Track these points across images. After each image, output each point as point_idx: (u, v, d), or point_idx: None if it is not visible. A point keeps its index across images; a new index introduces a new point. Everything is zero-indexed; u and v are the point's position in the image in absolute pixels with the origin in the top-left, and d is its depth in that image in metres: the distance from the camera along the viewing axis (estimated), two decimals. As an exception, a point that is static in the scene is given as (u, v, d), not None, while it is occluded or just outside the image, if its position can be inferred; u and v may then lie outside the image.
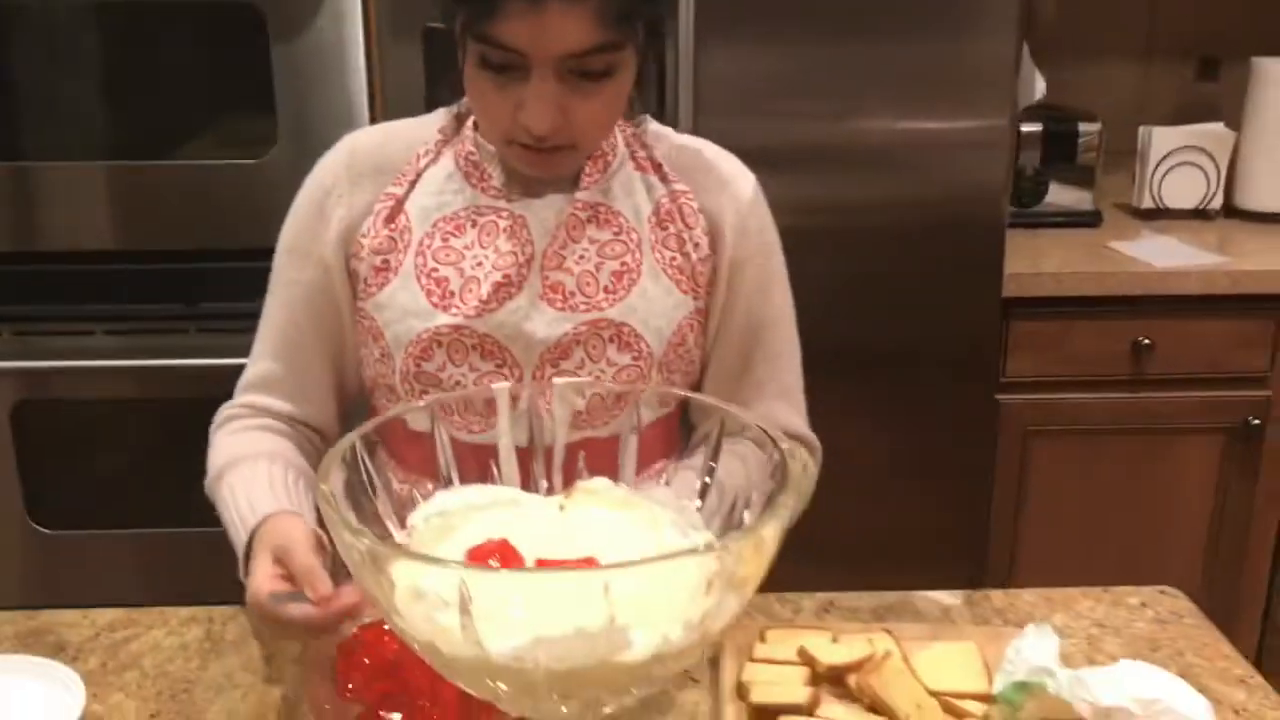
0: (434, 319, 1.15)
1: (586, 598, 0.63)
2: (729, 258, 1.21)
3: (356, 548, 0.67)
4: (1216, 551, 2.38)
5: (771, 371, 1.26)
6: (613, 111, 1.12)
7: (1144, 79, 2.78)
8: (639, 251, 1.18)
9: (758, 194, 1.24)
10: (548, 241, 1.16)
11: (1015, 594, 1.17)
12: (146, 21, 2.05)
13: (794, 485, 0.72)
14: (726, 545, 0.65)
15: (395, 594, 0.68)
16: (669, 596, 0.66)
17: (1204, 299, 2.22)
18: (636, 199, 1.19)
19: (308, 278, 1.20)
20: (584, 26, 1.01)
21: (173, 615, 1.15)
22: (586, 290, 1.16)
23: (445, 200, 1.18)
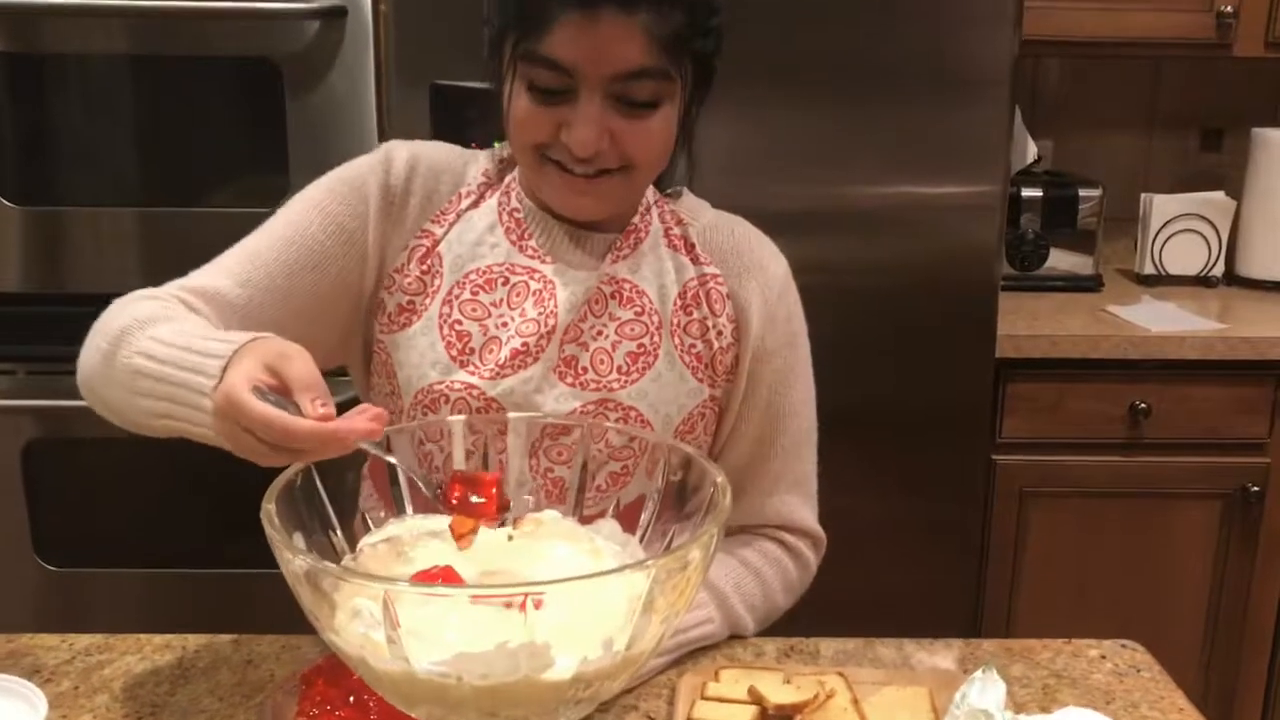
0: (449, 374, 1.13)
1: (509, 616, 0.66)
2: (753, 348, 1.18)
3: (293, 564, 0.70)
4: (1217, 618, 2.37)
5: (787, 464, 1.23)
6: (659, 145, 1.10)
7: (1147, 147, 2.82)
8: (658, 335, 1.16)
9: (788, 281, 1.22)
10: (572, 317, 1.14)
11: (976, 643, 1.18)
12: (172, 74, 2.13)
13: (717, 516, 0.75)
14: (646, 564, 0.68)
15: (335, 614, 0.71)
16: (592, 618, 0.69)
17: (1202, 364, 2.23)
18: (664, 280, 1.18)
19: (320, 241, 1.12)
20: (635, 45, 1.02)
21: (147, 642, 1.18)
22: (600, 369, 1.14)
23: (481, 252, 1.16)
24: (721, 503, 0.77)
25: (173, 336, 0.96)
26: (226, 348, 0.91)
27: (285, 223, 1.14)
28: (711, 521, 0.74)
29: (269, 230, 1.14)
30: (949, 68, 2.00)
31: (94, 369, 1.04)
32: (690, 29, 1.05)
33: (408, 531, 0.87)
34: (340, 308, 1.16)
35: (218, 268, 1.12)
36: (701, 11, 1.07)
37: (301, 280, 1.12)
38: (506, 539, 0.88)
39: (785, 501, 1.24)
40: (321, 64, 2.08)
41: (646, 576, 0.68)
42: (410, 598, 0.67)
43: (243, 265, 1.11)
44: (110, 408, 1.06)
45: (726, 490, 0.79)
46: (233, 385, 0.85)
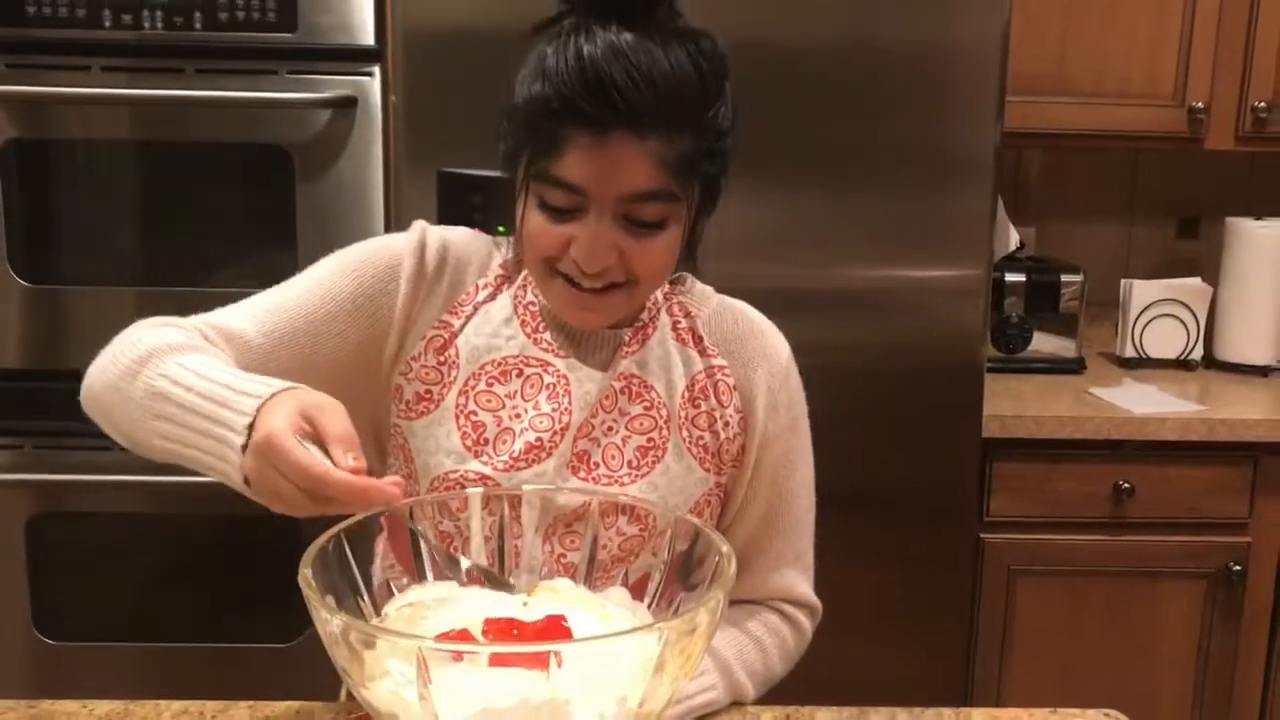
0: (465, 463, 1.15)
1: (531, 674, 0.71)
2: (758, 436, 1.22)
3: (330, 623, 0.75)
4: (1203, 695, 2.40)
5: (789, 541, 1.28)
6: (665, 263, 1.12)
7: (1126, 234, 2.91)
8: (667, 429, 1.19)
9: (791, 366, 1.26)
10: (585, 415, 1.17)
11: (966, 713, 1.23)
12: (183, 160, 2.20)
13: (724, 583, 0.80)
14: (658, 627, 0.73)
15: (365, 670, 0.76)
16: (607, 676, 0.74)
17: (1183, 445, 2.30)
18: (672, 374, 1.20)
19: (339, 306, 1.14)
20: (646, 167, 1.04)
21: (165, 708, 1.22)
22: (611, 464, 1.17)
23: (497, 345, 1.18)
24: (727, 571, 0.82)
25: (205, 369, 0.98)
26: (264, 389, 0.94)
27: (317, 281, 1.17)
28: (718, 588, 0.79)
29: (299, 286, 1.17)
30: (934, 156, 2.09)
31: (109, 382, 1.05)
32: (698, 153, 1.08)
33: (427, 597, 0.92)
34: (355, 377, 1.18)
35: (243, 311, 1.14)
36: (710, 136, 1.09)
37: (324, 343, 1.15)
38: (521, 605, 0.93)
39: (786, 576, 1.28)
40: (332, 151, 2.16)
41: (658, 638, 0.73)
42: (440, 658, 0.72)
43: (269, 315, 1.14)
44: (113, 421, 1.06)
45: (732, 559, 0.84)
46: (278, 429, 0.88)
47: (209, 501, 2.12)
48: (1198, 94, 2.47)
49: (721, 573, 0.82)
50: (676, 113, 1.05)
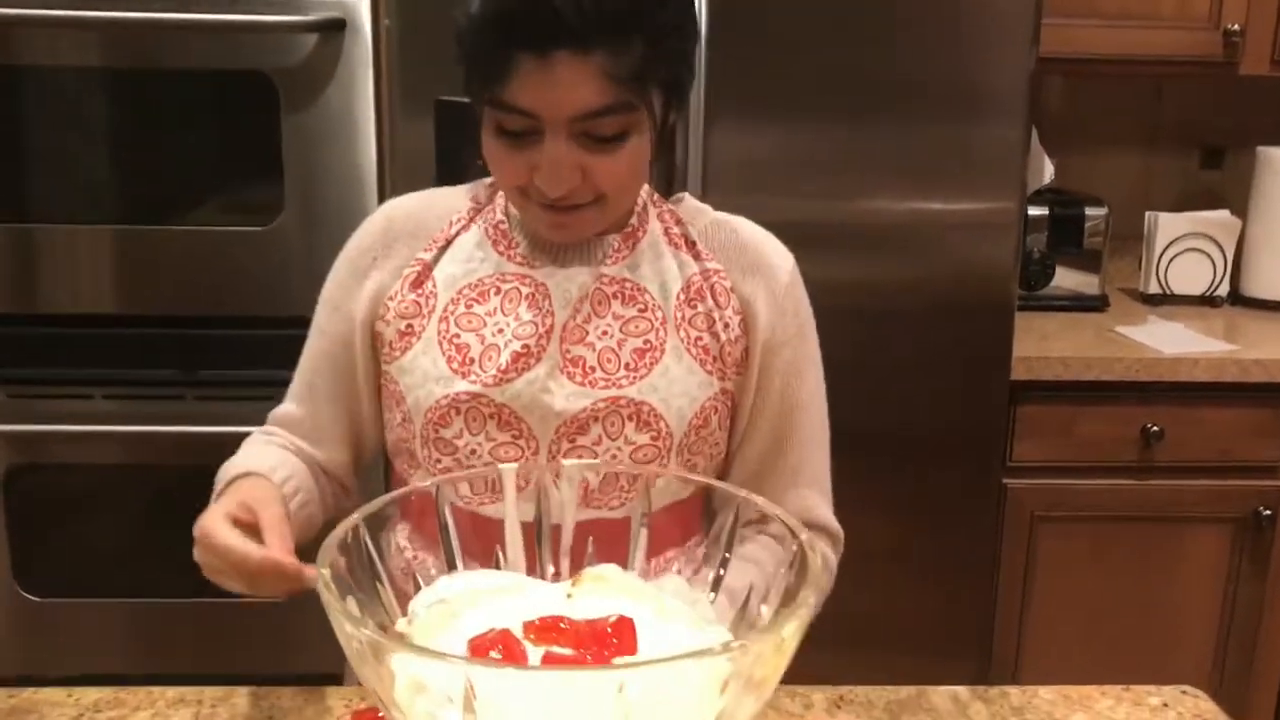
0: (453, 385, 1.14)
1: (598, 698, 0.60)
2: (762, 341, 1.18)
3: (356, 638, 0.64)
4: (1227, 643, 2.34)
5: (803, 457, 1.22)
6: (633, 173, 1.10)
7: (1148, 166, 2.79)
8: (663, 329, 1.16)
9: (795, 275, 1.21)
10: (569, 314, 1.14)
11: (1032, 691, 1.13)
12: (158, 88, 2.05)
13: (813, 581, 0.69)
14: (745, 646, 0.62)
15: (395, 686, 0.65)
16: (684, 698, 0.63)
17: (1214, 386, 2.21)
18: (666, 276, 1.17)
19: (334, 330, 1.21)
20: (592, 84, 1.01)
21: (160, 695, 1.11)
22: (607, 367, 1.14)
23: (472, 268, 1.17)
24: (812, 563, 0.72)
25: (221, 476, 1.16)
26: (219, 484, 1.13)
27: (315, 330, 1.25)
28: (808, 587, 0.68)
29: (307, 342, 1.26)
30: (966, 85, 1.97)
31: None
32: (652, 59, 1.03)
33: (458, 590, 0.81)
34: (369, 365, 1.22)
35: (289, 393, 1.27)
36: (664, 38, 1.04)
37: (334, 374, 1.23)
38: (566, 596, 0.82)
39: (803, 496, 1.22)
40: (319, 78, 2.01)
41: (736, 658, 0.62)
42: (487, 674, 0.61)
43: (297, 384, 1.26)
44: None
45: (815, 548, 0.74)
46: (208, 515, 1.02)
47: (193, 451, 2.03)
48: (1233, 16, 2.34)
49: (806, 567, 0.71)
50: (619, 24, 1.01)
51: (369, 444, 1.27)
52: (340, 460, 1.25)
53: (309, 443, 1.24)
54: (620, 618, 0.75)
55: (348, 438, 1.25)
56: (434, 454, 1.16)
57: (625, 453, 1.13)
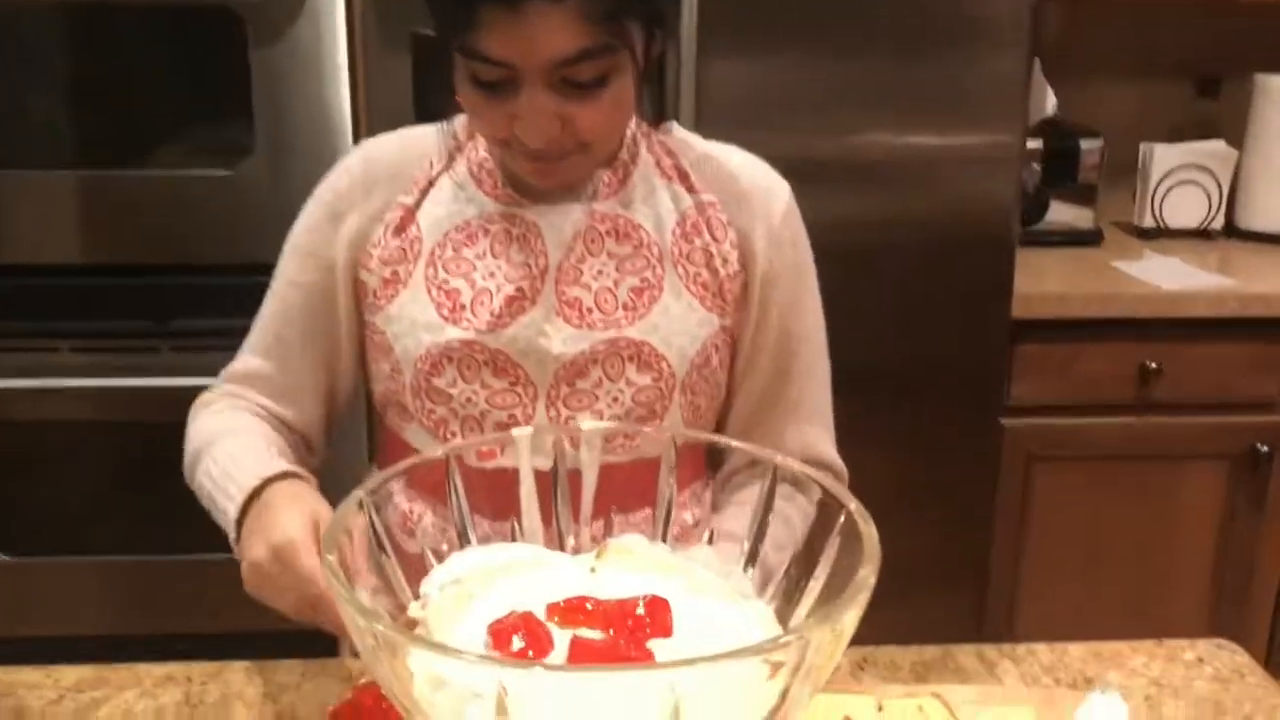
0: (444, 333, 1.09)
1: (643, 694, 0.54)
2: (760, 274, 1.13)
3: (370, 633, 0.57)
4: (1222, 580, 2.32)
5: (804, 392, 1.19)
6: (618, 116, 1.05)
7: (1143, 96, 2.72)
8: (660, 266, 1.11)
9: (791, 205, 1.16)
10: (563, 254, 1.09)
11: (1062, 649, 1.09)
12: (117, 24, 1.96)
13: (871, 557, 0.63)
14: (805, 636, 0.56)
15: (414, 683, 0.59)
16: (736, 691, 0.57)
17: (1212, 322, 2.16)
18: (660, 210, 1.12)
19: (310, 280, 1.14)
20: (568, 30, 0.95)
21: (146, 674, 1.05)
22: (605, 307, 1.09)
23: (457, 209, 1.12)
24: (867, 535, 0.66)
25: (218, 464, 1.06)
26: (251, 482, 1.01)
27: (281, 279, 1.16)
28: (866, 565, 0.62)
29: (270, 292, 1.17)
30: (966, 15, 1.89)
31: (188, 483, 1.13)
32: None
33: (472, 566, 0.74)
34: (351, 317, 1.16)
35: (245, 346, 1.19)
36: None
37: (309, 325, 1.15)
38: (589, 571, 0.76)
39: (804, 432, 1.19)
40: (288, 10, 1.91)
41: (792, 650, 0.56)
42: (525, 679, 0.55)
43: (261, 337, 1.17)
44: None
45: (866, 518, 0.68)
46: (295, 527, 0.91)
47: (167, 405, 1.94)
48: (1231, -62, 2.27)
49: (860, 538, 0.65)
50: None
51: (342, 400, 1.21)
52: (311, 418, 1.19)
53: (277, 401, 1.17)
54: (653, 597, 0.69)
55: (321, 394, 1.18)
56: (426, 404, 1.11)
57: (627, 395, 1.09)
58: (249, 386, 1.17)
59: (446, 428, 1.11)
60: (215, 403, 1.17)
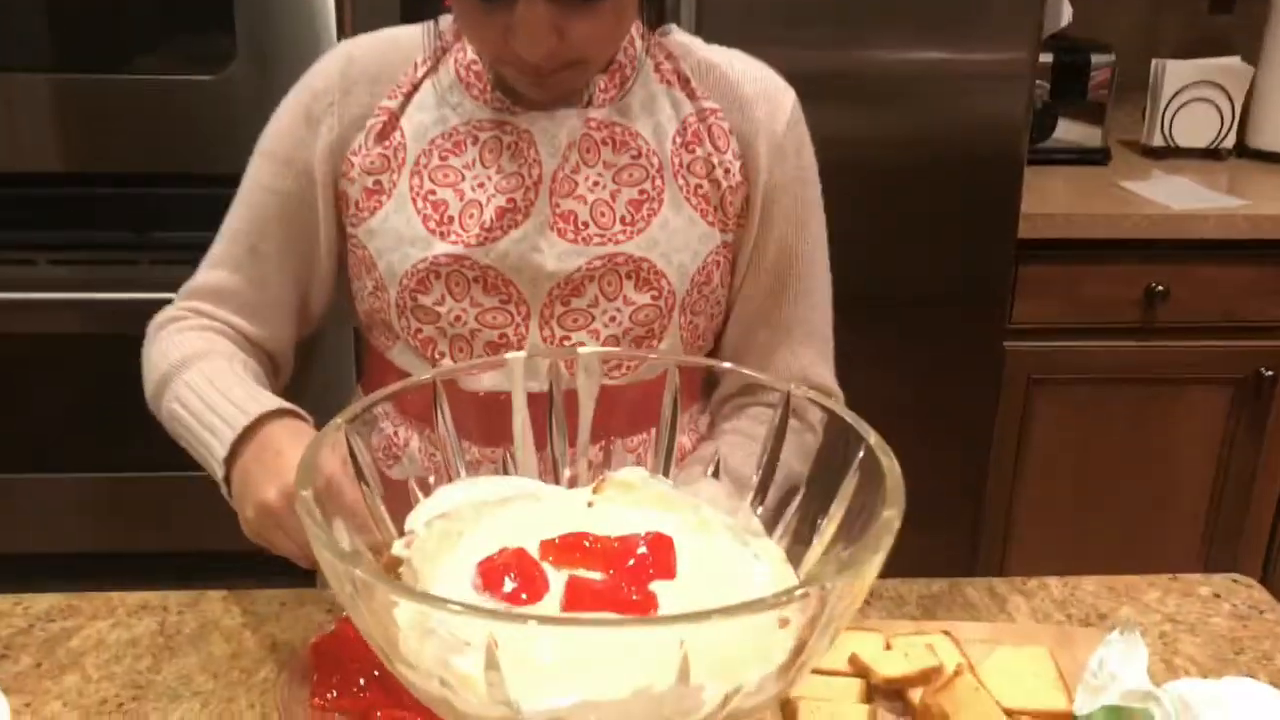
0: (431, 247, 1.02)
1: (651, 652, 0.49)
2: (763, 184, 1.07)
3: (349, 580, 0.52)
4: (1219, 507, 2.29)
5: (801, 312, 1.13)
6: (619, 28, 0.99)
7: (1155, 10, 2.64)
8: (660, 178, 1.05)
9: (796, 112, 1.10)
10: (557, 163, 1.02)
11: (1075, 583, 1.05)
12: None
13: (894, 496, 0.58)
14: (826, 586, 0.51)
15: (399, 634, 0.54)
16: (751, 643, 0.53)
17: (1221, 244, 2.11)
18: (659, 117, 1.06)
19: (286, 188, 1.07)
20: None
21: (120, 602, 1.00)
22: (601, 221, 1.03)
23: (444, 115, 1.05)
24: (889, 471, 0.61)
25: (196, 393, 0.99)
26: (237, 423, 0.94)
27: (253, 185, 1.09)
28: (891, 506, 0.57)
29: (243, 200, 1.10)
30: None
31: (151, 407, 1.07)
32: None
33: (460, 502, 0.69)
34: (331, 229, 1.09)
35: (210, 259, 1.11)
36: None
37: (299, 235, 1.08)
38: (586, 505, 0.71)
39: (799, 355, 1.13)
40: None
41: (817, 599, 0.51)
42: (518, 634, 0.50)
43: (229, 249, 1.09)
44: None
45: (887, 453, 0.63)
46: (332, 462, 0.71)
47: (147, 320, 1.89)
48: None
49: (880, 474, 0.60)
50: None
51: (315, 318, 1.14)
52: (282, 338, 1.12)
53: (247, 318, 1.10)
54: (656, 535, 0.65)
55: (294, 311, 1.12)
56: (413, 323, 1.05)
57: (625, 314, 1.04)
58: (216, 303, 1.09)
59: (434, 348, 1.06)
60: (178, 321, 1.09)
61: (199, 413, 0.97)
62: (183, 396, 1.00)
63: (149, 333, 1.10)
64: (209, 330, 1.08)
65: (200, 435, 0.97)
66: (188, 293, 1.11)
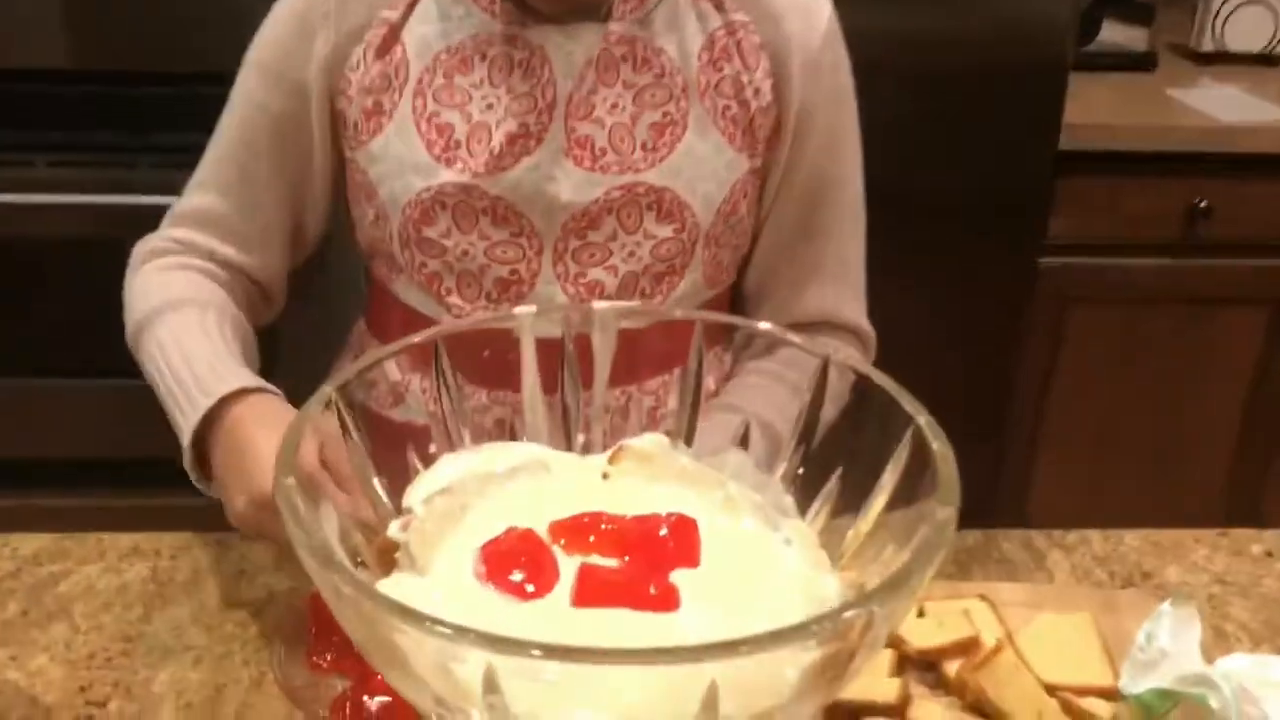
0: (436, 175, 0.95)
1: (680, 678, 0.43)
2: (796, 104, 0.99)
3: (330, 586, 0.47)
4: (1251, 429, 2.22)
5: (831, 245, 1.05)
6: None
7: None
8: (684, 99, 0.97)
9: (833, 24, 1.01)
10: (574, 84, 0.94)
11: (1117, 537, 0.99)
12: None
13: (949, 492, 0.52)
14: (877, 609, 0.45)
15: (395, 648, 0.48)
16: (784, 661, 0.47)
17: (1271, 159, 2.00)
18: (684, 32, 0.97)
19: (279, 105, 0.99)
20: None
21: (111, 545, 0.95)
22: (620, 147, 0.95)
23: (449, 28, 0.96)
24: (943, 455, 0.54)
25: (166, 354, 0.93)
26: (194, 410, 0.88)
27: (243, 102, 1.01)
28: (946, 504, 0.51)
29: (232, 118, 1.02)
30: None
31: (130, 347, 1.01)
32: None
33: (461, 473, 0.63)
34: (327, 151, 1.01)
35: (198, 180, 1.04)
36: None
37: (277, 158, 1.00)
38: (601, 477, 0.64)
39: (828, 292, 1.06)
40: None
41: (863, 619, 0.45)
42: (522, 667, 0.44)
43: (217, 171, 1.02)
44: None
45: (940, 437, 0.56)
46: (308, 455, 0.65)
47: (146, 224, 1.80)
48: None
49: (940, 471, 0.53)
50: None
51: (309, 246, 1.07)
52: (273, 266, 1.05)
53: (237, 246, 1.02)
54: (678, 517, 0.59)
55: (287, 238, 1.04)
56: (417, 257, 0.98)
57: (645, 249, 0.97)
58: (203, 230, 1.02)
59: (440, 283, 0.99)
60: (163, 256, 1.02)
61: (169, 385, 0.91)
62: (155, 359, 0.94)
63: (132, 261, 1.04)
64: (192, 270, 1.01)
65: (168, 405, 0.92)
66: (174, 218, 1.04)
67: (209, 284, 1.00)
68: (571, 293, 0.97)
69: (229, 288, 1.02)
